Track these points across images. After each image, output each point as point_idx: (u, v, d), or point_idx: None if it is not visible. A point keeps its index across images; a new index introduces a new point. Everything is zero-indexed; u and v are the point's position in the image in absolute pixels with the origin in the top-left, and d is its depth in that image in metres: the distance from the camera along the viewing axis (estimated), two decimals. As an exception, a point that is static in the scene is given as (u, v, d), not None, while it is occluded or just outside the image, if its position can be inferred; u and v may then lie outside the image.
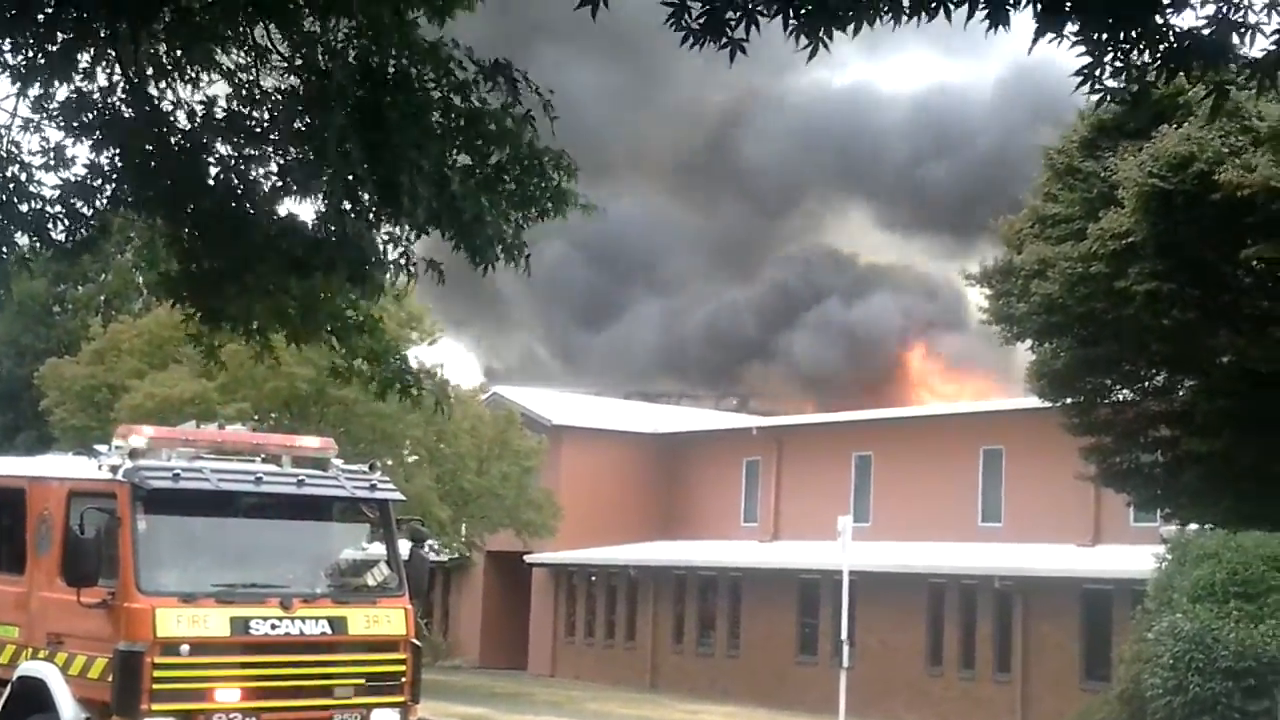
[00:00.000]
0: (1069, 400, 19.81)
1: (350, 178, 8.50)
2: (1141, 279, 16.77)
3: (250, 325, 9.93)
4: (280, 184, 8.83)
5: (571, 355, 70.68)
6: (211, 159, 8.93)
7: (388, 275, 9.40)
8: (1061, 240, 17.92)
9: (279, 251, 8.93)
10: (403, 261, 9.40)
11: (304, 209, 9.13)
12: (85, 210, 9.12)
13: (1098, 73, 5.24)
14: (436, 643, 45.44)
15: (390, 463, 32.80)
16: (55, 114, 8.84)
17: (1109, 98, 5.15)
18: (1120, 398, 19.99)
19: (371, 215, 8.95)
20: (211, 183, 8.81)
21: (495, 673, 43.78)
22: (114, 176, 8.94)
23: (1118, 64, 5.32)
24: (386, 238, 9.24)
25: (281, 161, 8.77)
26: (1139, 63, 5.32)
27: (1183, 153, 16.00)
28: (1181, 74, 5.40)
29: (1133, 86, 5.34)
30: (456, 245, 9.02)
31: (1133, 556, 29.71)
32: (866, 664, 33.89)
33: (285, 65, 8.75)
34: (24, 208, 9.05)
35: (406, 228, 9.04)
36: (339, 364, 11.04)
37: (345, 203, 8.75)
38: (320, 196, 8.77)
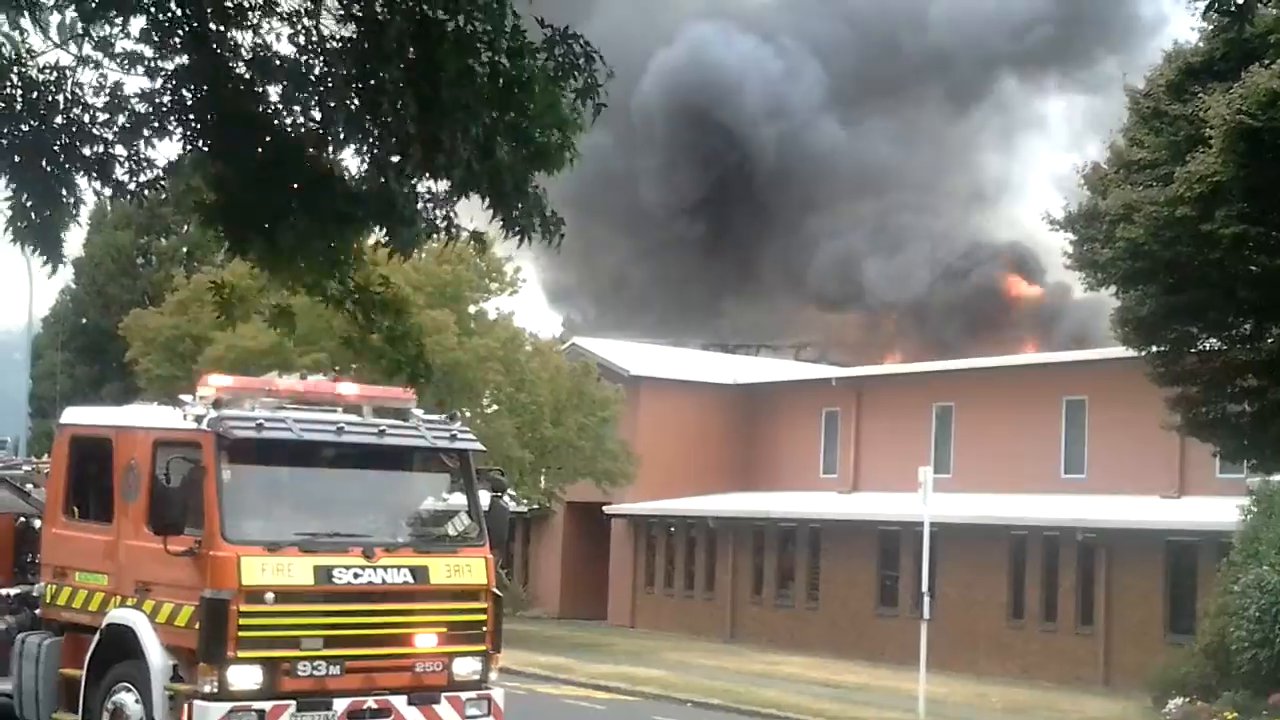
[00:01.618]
0: (1154, 349, 19.49)
1: (398, 133, 8.46)
2: (1229, 222, 16.44)
3: (277, 270, 9.88)
4: (328, 132, 8.80)
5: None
6: (263, 102, 8.91)
7: (423, 231, 9.33)
8: (1147, 185, 17.61)
9: (317, 202, 8.91)
10: (442, 223, 9.33)
11: (349, 161, 9.11)
12: (147, 151, 9.12)
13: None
14: (517, 593, 45.72)
15: (468, 413, 32.94)
16: (115, 53, 8.83)
17: (1217, 7, 5.03)
18: (1207, 346, 19.65)
19: (412, 170, 8.90)
20: (261, 127, 8.80)
21: (575, 623, 44.03)
22: (165, 111, 8.92)
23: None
24: (428, 196, 9.19)
25: (331, 110, 8.72)
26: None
27: (1274, 88, 15.67)
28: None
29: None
30: (495, 213, 8.96)
31: (1218, 508, 29.37)
32: (947, 616, 33.75)
33: (344, 13, 8.69)
34: (86, 151, 9.06)
35: (447, 187, 8.99)
36: (354, 337, 10.89)
37: (392, 156, 8.72)
38: (367, 148, 8.74)
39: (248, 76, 8.90)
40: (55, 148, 8.93)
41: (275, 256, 9.54)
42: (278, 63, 8.86)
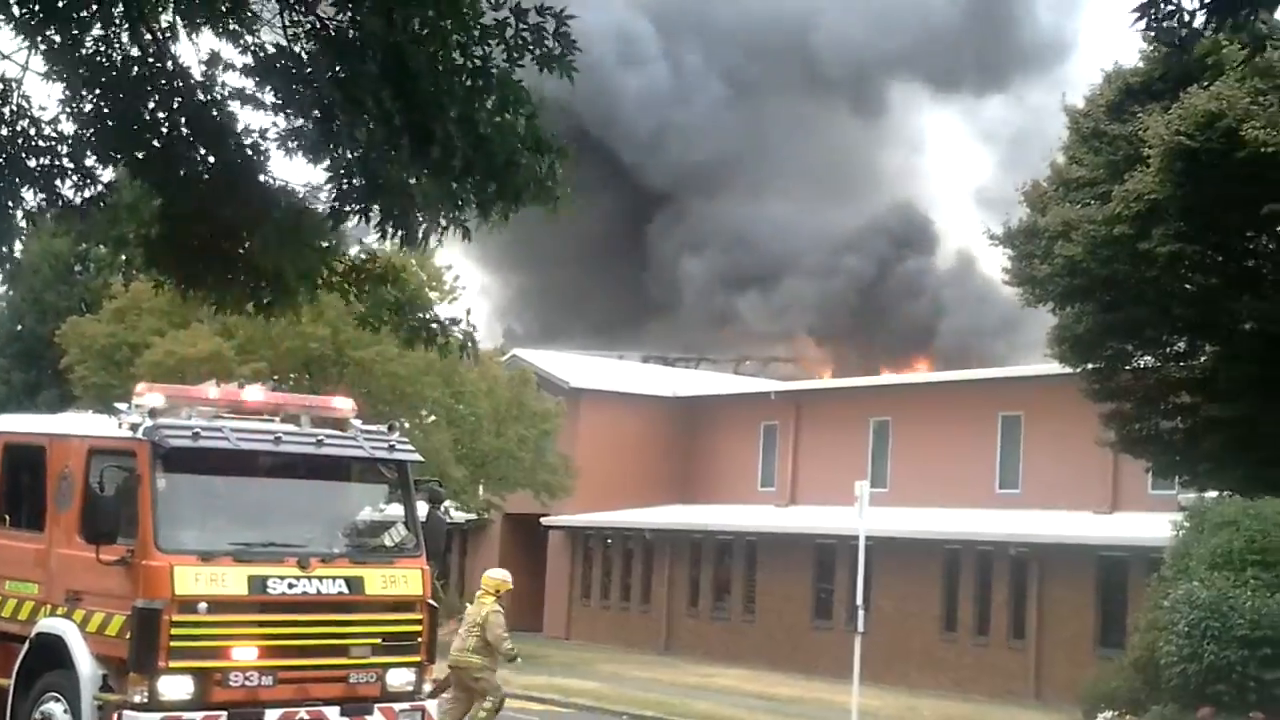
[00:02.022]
0: (1090, 365, 19.70)
1: (381, 129, 8.43)
2: (1165, 241, 16.66)
3: (241, 284, 9.78)
4: (300, 139, 8.74)
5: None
6: (216, 114, 8.86)
7: (423, 226, 9.31)
8: (1086, 203, 17.80)
9: (281, 212, 8.86)
10: (430, 217, 9.30)
11: (314, 173, 9.07)
12: (95, 167, 9.05)
13: (1153, 12, 5.29)
14: (453, 603, 45.51)
15: (408, 424, 32.83)
16: (59, 68, 8.76)
17: (1159, 38, 5.12)
18: (1141, 363, 19.89)
19: (406, 162, 8.86)
20: (215, 141, 8.74)
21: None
22: (106, 131, 8.85)
23: (1169, 7, 5.35)
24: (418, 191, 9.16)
25: (296, 117, 8.67)
26: (1190, 8, 5.35)
27: (1211, 109, 15.89)
28: (1218, 27, 5.41)
29: (1182, 31, 5.37)
30: (493, 192, 8.92)
31: (1150, 524, 29.62)
32: (881, 629, 33.90)
33: (309, 22, 8.66)
34: (33, 163, 8.97)
35: (436, 179, 8.95)
36: (367, 315, 10.81)
37: (376, 152, 8.68)
38: (352, 146, 8.69)
39: (202, 86, 8.83)
40: (1, 160, 8.84)
41: (227, 289, 9.53)
42: (231, 71, 8.80)
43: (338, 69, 8.47)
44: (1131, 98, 18.18)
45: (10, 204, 8.89)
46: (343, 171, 8.85)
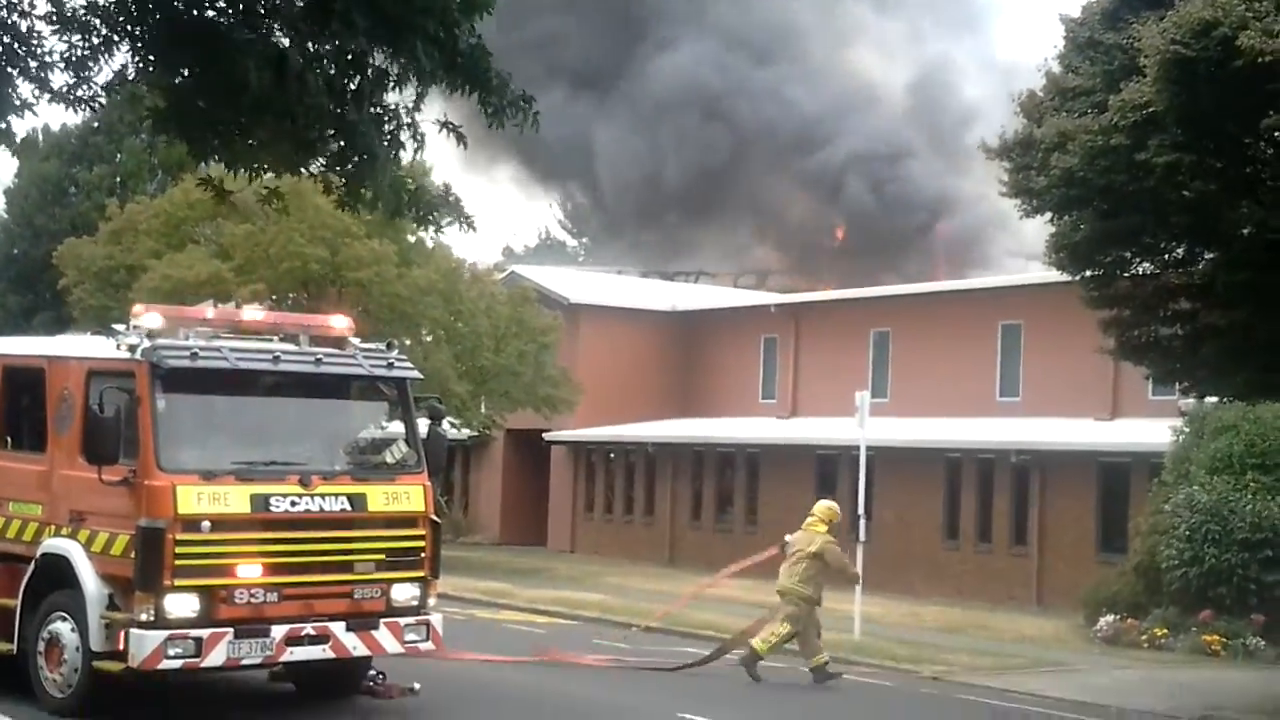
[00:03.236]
0: (1088, 273, 19.63)
1: (352, 44, 8.42)
2: (1162, 150, 16.52)
3: (252, 166, 9.78)
4: (288, 43, 8.72)
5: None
6: (213, 11, 8.84)
7: (406, 137, 9.28)
8: (1082, 113, 17.69)
9: (277, 106, 8.84)
10: (396, 128, 9.29)
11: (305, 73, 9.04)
12: (88, 57, 9.02)
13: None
14: (456, 520, 45.86)
15: (409, 342, 32.90)
16: None
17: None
18: (1140, 271, 19.81)
19: (375, 88, 8.85)
20: (209, 40, 8.71)
21: (515, 549, 44.23)
22: (113, 25, 8.82)
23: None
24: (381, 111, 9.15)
25: (278, 16, 8.65)
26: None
27: (1206, 18, 15.71)
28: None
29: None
30: (476, 98, 8.90)
31: (1151, 430, 29.78)
32: (884, 538, 34.12)
33: None
34: (22, 52, 8.95)
35: (414, 87, 8.94)
36: (346, 199, 10.62)
37: (354, 69, 8.67)
38: (328, 59, 8.69)
39: None
40: None
41: (235, 157, 9.52)
42: None
43: None
44: (1127, 5, 17.99)
45: (11, 91, 8.89)
46: (321, 91, 8.86)
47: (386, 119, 9.22)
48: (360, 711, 15.72)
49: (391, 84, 8.99)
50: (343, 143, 9.18)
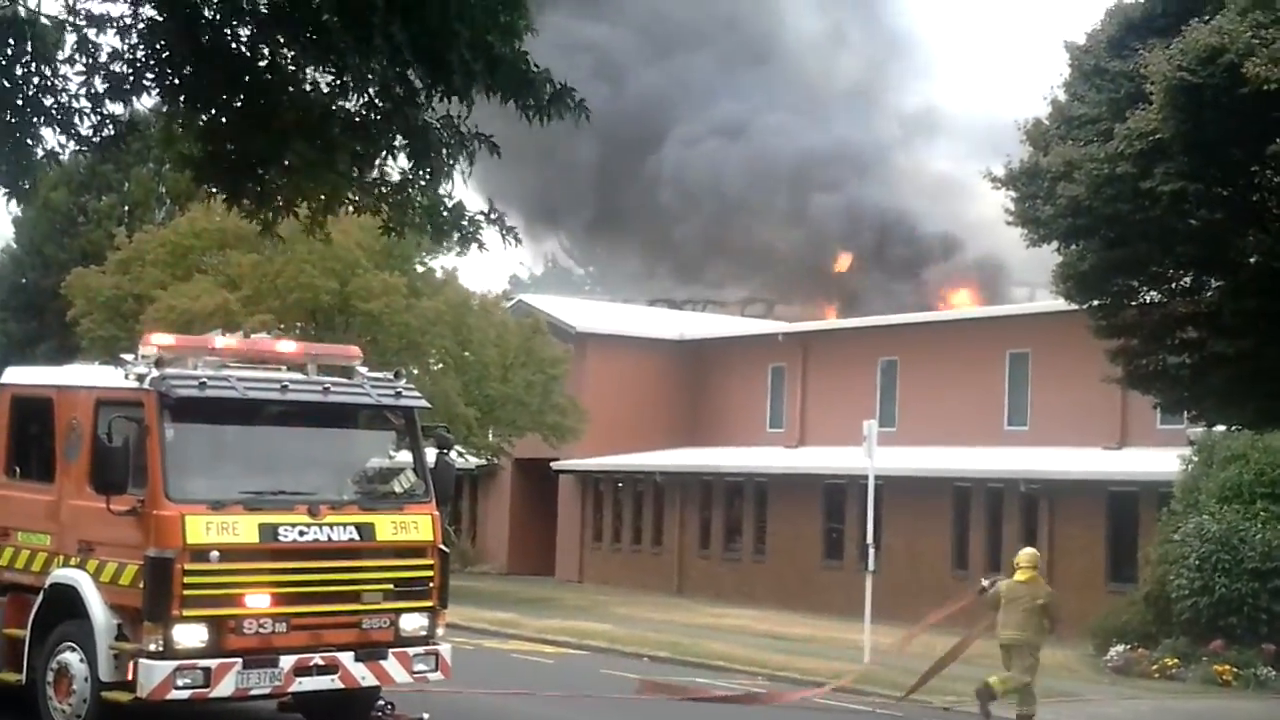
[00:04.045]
0: (1095, 302, 19.65)
1: (397, 61, 8.43)
2: (1168, 179, 16.56)
3: (280, 203, 9.80)
4: (323, 71, 8.76)
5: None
6: (241, 43, 8.87)
7: (448, 154, 9.30)
8: (1088, 141, 17.73)
9: (317, 133, 8.87)
10: (457, 141, 9.29)
11: (339, 93, 9.07)
12: (112, 104, 9.09)
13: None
14: (464, 549, 45.79)
15: (416, 371, 32.91)
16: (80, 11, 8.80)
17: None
18: (1147, 299, 19.82)
19: (423, 96, 8.88)
20: (239, 70, 8.75)
21: (522, 579, 44.15)
22: (138, 64, 8.87)
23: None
24: (440, 120, 9.16)
25: (317, 44, 8.67)
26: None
27: (1213, 44, 15.76)
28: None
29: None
30: (517, 106, 8.91)
31: (1159, 459, 29.73)
32: (892, 568, 34.03)
33: None
34: (49, 102, 9.00)
35: (457, 103, 8.96)
36: (390, 223, 10.62)
37: (398, 87, 8.70)
38: (369, 82, 8.71)
39: (218, 19, 8.84)
40: (19, 100, 8.87)
41: (269, 201, 9.54)
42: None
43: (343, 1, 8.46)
44: (1132, 33, 18.05)
45: (30, 141, 8.93)
46: (364, 109, 8.88)
47: (445, 131, 9.22)
48: (368, 742, 15.66)
49: (438, 96, 9.00)
50: (405, 156, 9.19)
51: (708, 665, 24.42)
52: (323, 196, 9.86)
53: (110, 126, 9.25)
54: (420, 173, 9.48)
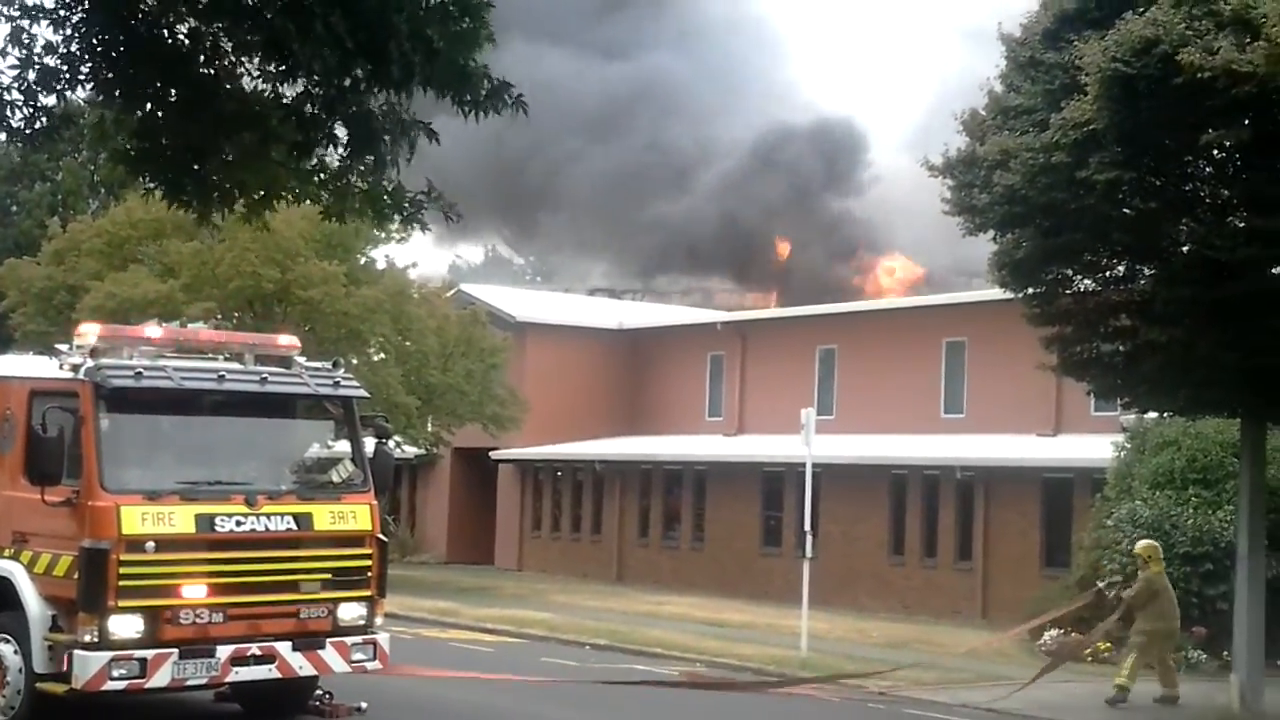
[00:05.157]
0: (1030, 291, 19.84)
1: (338, 52, 8.41)
2: (1103, 168, 16.73)
3: (217, 194, 9.74)
4: (264, 62, 8.73)
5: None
6: (179, 35, 8.81)
7: (390, 142, 9.29)
8: (1024, 132, 17.89)
9: (257, 123, 8.84)
10: (398, 128, 9.27)
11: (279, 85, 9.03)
12: (45, 97, 9.01)
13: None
14: (404, 538, 45.69)
15: (355, 361, 32.80)
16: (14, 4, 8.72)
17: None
18: (1081, 288, 20.03)
19: (364, 86, 8.87)
20: (177, 64, 8.70)
21: (462, 568, 44.11)
22: (73, 57, 8.80)
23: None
24: (382, 107, 9.15)
25: (256, 37, 8.63)
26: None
27: (1147, 35, 15.96)
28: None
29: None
30: (454, 101, 8.91)
31: (1093, 445, 30.05)
32: (830, 554, 34.25)
33: None
34: None
35: (394, 95, 8.95)
36: (331, 207, 10.54)
37: (337, 78, 8.68)
38: (310, 70, 8.68)
39: (154, 11, 8.77)
40: None
41: (208, 194, 9.48)
42: None
43: None
44: (1068, 25, 18.21)
45: None
46: (306, 100, 8.84)
47: (386, 119, 9.20)
48: (307, 731, 15.65)
49: (376, 89, 8.98)
50: (347, 142, 9.15)
51: (646, 653, 24.50)
52: (262, 191, 9.81)
53: (43, 118, 9.17)
54: (360, 160, 9.45)
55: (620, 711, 18.26)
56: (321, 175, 9.81)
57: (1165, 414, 22.58)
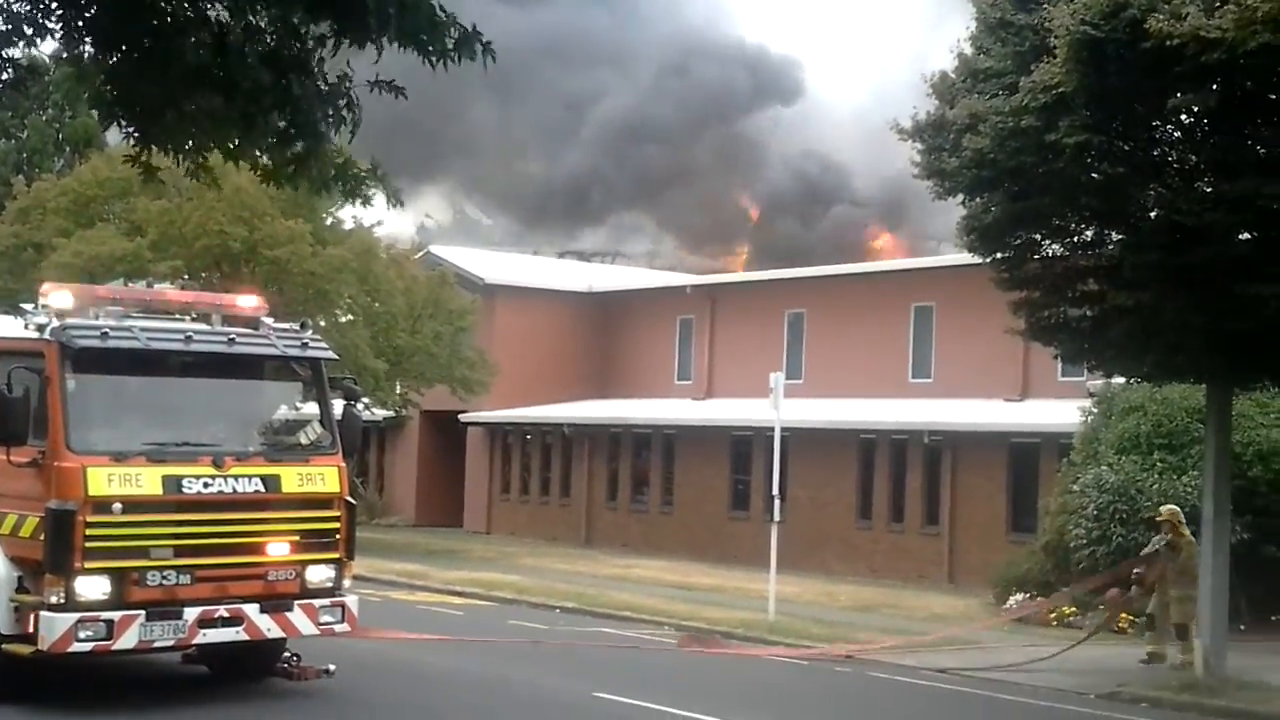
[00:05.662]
0: (999, 255, 19.85)
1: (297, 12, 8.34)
2: (1071, 131, 16.71)
3: (186, 147, 9.66)
4: (223, 20, 8.66)
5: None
6: None
7: (326, 126, 9.22)
8: (993, 95, 17.87)
9: (217, 80, 8.76)
10: (345, 104, 9.19)
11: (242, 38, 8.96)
12: (9, 49, 8.91)
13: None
14: (372, 501, 45.68)
15: (323, 323, 32.69)
16: None
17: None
18: (1049, 252, 20.05)
19: (330, 48, 8.79)
20: (144, 12, 8.61)
21: (430, 530, 44.14)
22: (40, 4, 8.71)
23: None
24: (331, 86, 9.08)
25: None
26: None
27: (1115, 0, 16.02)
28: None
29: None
30: (421, 51, 8.84)
31: (1060, 410, 30.20)
32: (798, 518, 34.37)
33: None
34: None
35: (360, 49, 8.87)
36: (269, 167, 10.42)
37: (294, 40, 8.60)
38: (269, 24, 8.60)
39: None
40: None
41: (182, 136, 9.40)
42: None
43: None
44: (1039, -13, 18.25)
45: None
46: (268, 59, 8.76)
47: (329, 94, 9.12)
48: (275, 693, 15.65)
49: (331, 50, 8.89)
50: (286, 122, 9.07)
51: (615, 616, 24.57)
52: (210, 145, 9.71)
53: (9, 70, 9.08)
54: (295, 142, 9.32)
55: (588, 672, 18.31)
56: (270, 140, 9.72)
57: (1132, 379, 22.68)
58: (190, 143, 9.56)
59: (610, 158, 63.68)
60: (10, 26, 8.81)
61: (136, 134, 9.49)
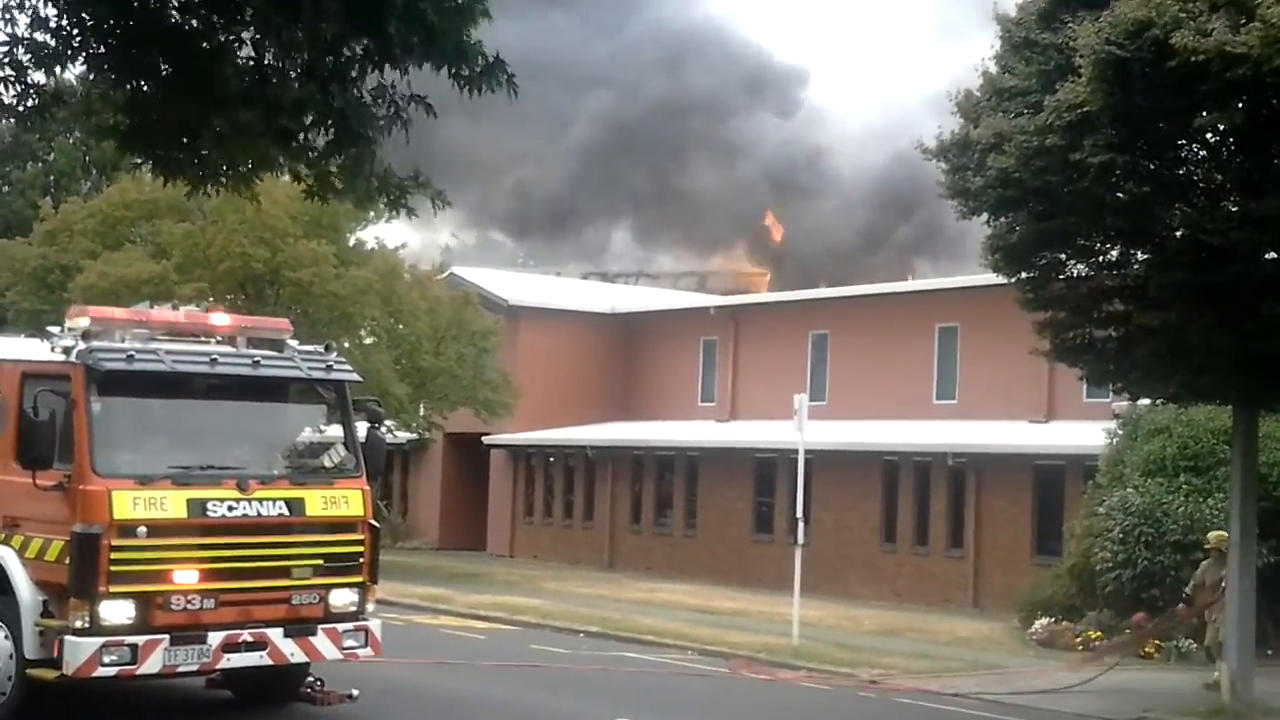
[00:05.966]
0: (1023, 275, 19.78)
1: (332, 29, 8.36)
2: (1096, 150, 16.66)
3: (216, 169, 9.68)
4: (258, 39, 8.68)
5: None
6: (172, 10, 8.76)
7: (373, 133, 9.23)
8: (1018, 114, 17.82)
9: (256, 101, 8.78)
10: (393, 111, 9.21)
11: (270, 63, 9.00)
12: (35, 73, 8.96)
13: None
14: (395, 524, 45.66)
15: (347, 345, 32.74)
16: None
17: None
18: (1074, 272, 19.97)
19: (356, 70, 8.82)
20: (171, 42, 8.65)
21: (454, 553, 44.08)
22: (64, 34, 8.74)
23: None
24: (372, 91, 9.10)
25: (251, 14, 8.58)
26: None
27: (1140, 18, 15.91)
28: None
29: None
30: (450, 75, 8.85)
31: (1085, 432, 30.04)
32: (821, 541, 34.25)
33: None
34: None
35: (388, 74, 8.90)
36: (312, 185, 10.43)
37: (329, 57, 8.63)
38: (300, 49, 8.62)
39: None
40: None
41: (199, 169, 9.42)
42: None
43: None
44: (1063, 5, 18.13)
45: None
46: (302, 80, 8.79)
47: (377, 103, 9.14)
48: (298, 718, 15.61)
49: (372, 66, 8.93)
50: (330, 133, 9.10)
51: (639, 640, 24.49)
52: (250, 164, 9.74)
53: (35, 96, 9.11)
54: (349, 144, 9.39)
55: (613, 699, 18.24)
56: (311, 154, 9.73)
57: (1157, 400, 22.55)
58: (225, 165, 9.59)
59: (642, 175, 63.79)
60: (34, 55, 8.83)
61: (153, 165, 9.52)
